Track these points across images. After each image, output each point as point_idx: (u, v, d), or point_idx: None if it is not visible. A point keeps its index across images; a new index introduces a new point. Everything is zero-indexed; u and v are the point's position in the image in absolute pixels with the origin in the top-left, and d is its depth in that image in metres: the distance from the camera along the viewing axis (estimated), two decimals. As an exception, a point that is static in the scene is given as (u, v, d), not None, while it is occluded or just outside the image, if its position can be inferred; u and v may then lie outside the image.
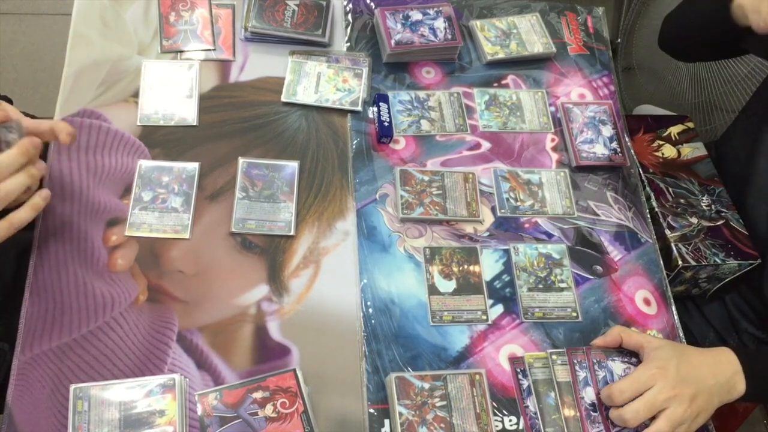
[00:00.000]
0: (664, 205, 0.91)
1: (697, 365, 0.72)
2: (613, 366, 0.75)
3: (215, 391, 0.68)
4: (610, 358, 0.75)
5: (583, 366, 0.75)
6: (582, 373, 0.74)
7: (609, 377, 0.74)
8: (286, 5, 0.95)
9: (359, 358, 0.74)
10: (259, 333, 0.74)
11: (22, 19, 0.89)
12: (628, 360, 0.75)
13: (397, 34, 0.94)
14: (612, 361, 0.75)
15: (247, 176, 0.82)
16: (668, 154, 0.98)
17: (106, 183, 0.79)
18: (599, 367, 0.75)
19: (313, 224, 0.82)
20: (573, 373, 0.74)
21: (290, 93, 0.90)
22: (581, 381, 0.74)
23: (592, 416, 0.72)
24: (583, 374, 0.74)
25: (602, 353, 0.76)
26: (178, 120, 0.85)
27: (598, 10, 1.09)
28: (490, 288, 0.81)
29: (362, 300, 0.78)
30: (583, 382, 0.74)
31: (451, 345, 0.76)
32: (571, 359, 0.75)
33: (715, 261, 0.86)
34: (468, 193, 0.86)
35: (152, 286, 0.75)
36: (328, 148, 0.87)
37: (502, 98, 0.96)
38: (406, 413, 0.69)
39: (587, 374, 0.74)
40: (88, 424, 0.65)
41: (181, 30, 0.92)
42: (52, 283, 0.73)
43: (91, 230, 0.76)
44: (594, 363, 0.75)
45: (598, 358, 0.75)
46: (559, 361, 0.75)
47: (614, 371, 0.75)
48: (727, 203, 0.92)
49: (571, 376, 0.74)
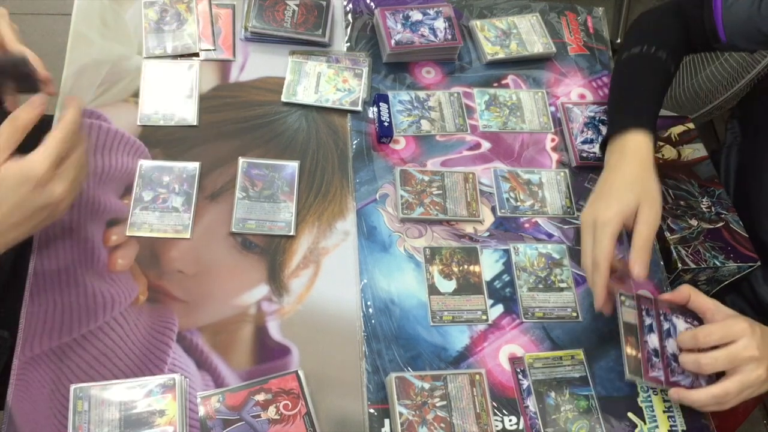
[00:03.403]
0: (664, 207, 0.90)
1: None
2: (676, 322, 0.74)
3: (218, 393, 0.68)
4: (674, 314, 0.74)
5: (650, 314, 0.74)
6: (648, 319, 0.73)
7: (672, 330, 0.73)
8: (286, 5, 0.95)
9: (359, 358, 0.74)
10: (259, 333, 0.74)
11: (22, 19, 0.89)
12: (690, 321, 0.74)
13: (397, 34, 0.94)
14: (676, 317, 0.74)
15: (248, 176, 0.82)
16: (668, 156, 0.98)
17: (106, 183, 0.79)
18: (664, 319, 0.74)
19: (313, 224, 0.82)
20: (640, 316, 0.73)
21: (290, 93, 0.90)
22: (646, 327, 0.73)
23: (653, 361, 0.71)
24: (649, 321, 0.73)
25: (668, 307, 0.75)
26: (178, 120, 0.85)
27: (598, 10, 1.09)
28: (490, 288, 0.81)
29: (362, 300, 0.78)
30: (647, 329, 0.73)
31: (451, 345, 0.76)
32: (640, 304, 0.74)
33: (715, 264, 0.86)
34: (468, 193, 0.86)
35: (152, 286, 0.75)
36: (328, 148, 0.87)
37: (502, 98, 0.96)
38: (406, 413, 0.69)
39: (653, 321, 0.73)
40: (88, 424, 0.65)
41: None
42: (52, 283, 0.73)
43: (92, 230, 0.76)
44: (660, 314, 0.74)
45: (664, 310, 0.74)
46: (627, 303, 0.73)
47: (677, 326, 0.73)
48: (727, 205, 0.92)
49: (638, 319, 0.72)
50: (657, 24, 0.90)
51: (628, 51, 0.88)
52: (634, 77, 0.87)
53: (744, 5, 0.83)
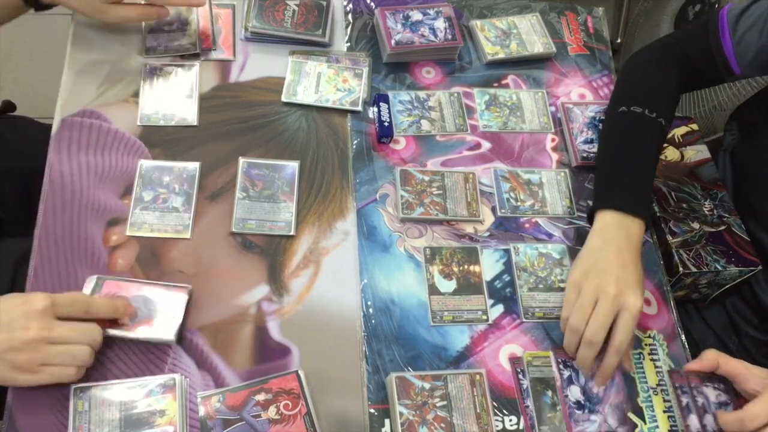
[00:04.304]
0: (666, 210, 0.90)
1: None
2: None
3: (218, 393, 0.68)
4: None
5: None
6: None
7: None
8: (286, 5, 0.95)
9: (359, 358, 0.74)
10: (259, 333, 0.74)
11: (22, 19, 0.89)
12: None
13: (397, 34, 0.94)
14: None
15: (248, 176, 0.82)
16: (671, 157, 0.97)
17: (106, 183, 0.79)
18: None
19: (313, 224, 0.82)
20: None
21: (290, 93, 0.90)
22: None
23: (576, 414, 0.72)
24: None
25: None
26: (179, 120, 0.85)
27: (598, 10, 1.09)
28: (491, 288, 0.81)
29: (362, 300, 0.78)
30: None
31: (452, 345, 0.76)
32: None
33: (716, 267, 0.85)
34: (468, 193, 0.86)
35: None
36: (329, 148, 0.87)
37: (503, 98, 0.96)
38: (407, 413, 0.69)
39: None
40: (88, 424, 0.65)
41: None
42: (53, 284, 0.72)
43: (91, 230, 0.76)
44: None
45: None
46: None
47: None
48: (729, 208, 0.91)
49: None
50: (656, 79, 0.87)
51: (627, 107, 0.84)
52: (632, 142, 0.83)
53: (754, 35, 0.82)
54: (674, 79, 0.87)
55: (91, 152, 0.81)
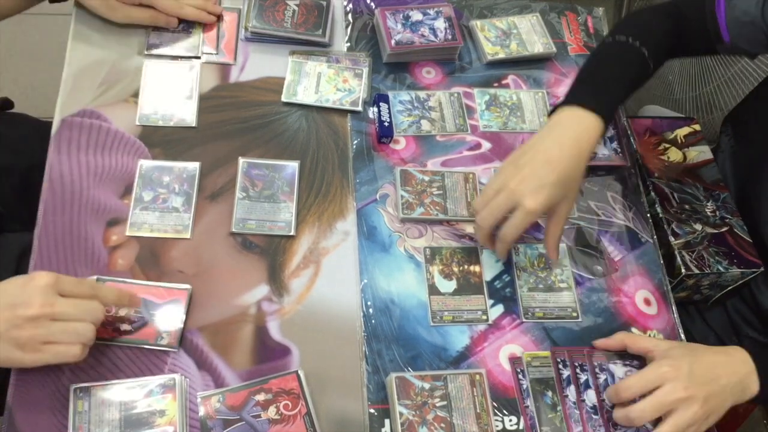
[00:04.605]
0: (669, 211, 0.90)
1: (710, 365, 0.70)
2: (614, 369, 0.75)
3: (218, 394, 0.68)
4: (612, 361, 0.75)
5: (584, 369, 0.75)
6: (583, 375, 0.74)
7: (610, 380, 0.74)
8: (287, 5, 0.95)
9: (359, 358, 0.74)
10: (259, 333, 0.74)
11: (22, 19, 0.89)
12: (630, 363, 0.75)
13: (397, 34, 0.94)
14: (613, 364, 0.75)
15: (248, 176, 0.82)
16: (674, 158, 0.97)
17: (106, 183, 0.79)
18: (600, 370, 0.75)
19: (313, 224, 0.82)
20: (574, 375, 0.74)
21: (290, 93, 0.90)
22: (582, 383, 0.74)
23: (593, 419, 0.72)
24: (584, 377, 0.74)
25: (603, 355, 0.76)
26: (177, 120, 0.85)
27: (598, 10, 1.09)
28: (491, 288, 0.81)
29: (362, 300, 0.78)
30: (584, 385, 0.74)
31: (452, 345, 0.76)
32: (573, 361, 0.75)
33: (718, 269, 0.85)
34: (468, 193, 0.86)
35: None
36: (329, 148, 0.87)
37: (503, 98, 0.96)
38: (407, 413, 0.69)
39: (588, 377, 0.74)
40: (88, 424, 0.65)
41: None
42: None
43: (91, 230, 0.76)
44: (595, 366, 0.75)
45: (599, 360, 0.75)
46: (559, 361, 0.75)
47: (615, 374, 0.74)
48: (732, 209, 0.91)
49: (573, 379, 0.74)
50: (648, 22, 0.88)
51: (613, 37, 0.85)
52: (610, 61, 0.84)
53: (749, 4, 0.81)
54: (665, 27, 0.87)
55: (91, 152, 0.81)
